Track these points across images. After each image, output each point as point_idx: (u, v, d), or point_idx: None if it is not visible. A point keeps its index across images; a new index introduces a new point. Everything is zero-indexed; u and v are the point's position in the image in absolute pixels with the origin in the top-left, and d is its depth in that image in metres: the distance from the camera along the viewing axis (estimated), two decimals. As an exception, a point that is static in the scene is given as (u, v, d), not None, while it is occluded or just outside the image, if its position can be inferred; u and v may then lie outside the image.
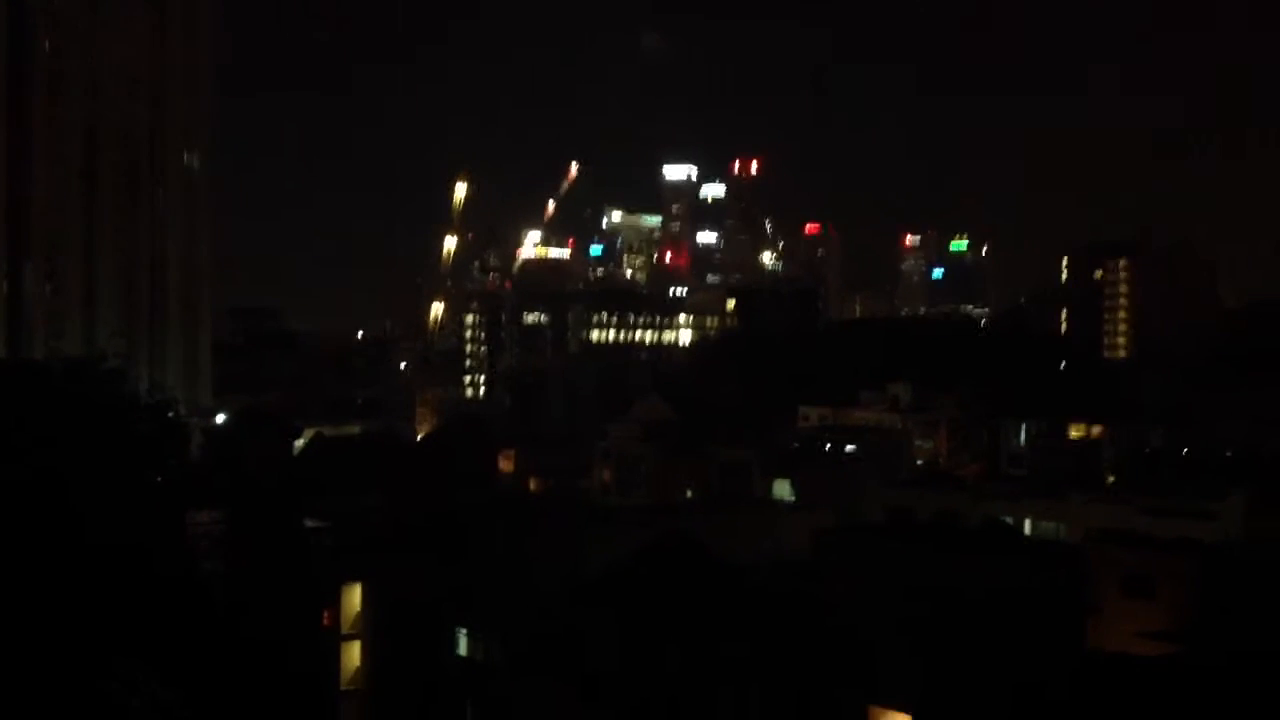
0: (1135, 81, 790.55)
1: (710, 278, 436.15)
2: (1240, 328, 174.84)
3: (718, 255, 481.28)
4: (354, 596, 55.87)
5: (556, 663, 46.78)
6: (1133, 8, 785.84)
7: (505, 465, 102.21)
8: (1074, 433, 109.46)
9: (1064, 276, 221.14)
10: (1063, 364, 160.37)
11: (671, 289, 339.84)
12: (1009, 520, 65.84)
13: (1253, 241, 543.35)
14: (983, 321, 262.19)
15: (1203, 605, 45.06)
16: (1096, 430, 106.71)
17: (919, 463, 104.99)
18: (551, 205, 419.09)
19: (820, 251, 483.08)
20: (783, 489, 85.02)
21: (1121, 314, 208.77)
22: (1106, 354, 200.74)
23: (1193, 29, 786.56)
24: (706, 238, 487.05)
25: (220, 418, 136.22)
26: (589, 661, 45.79)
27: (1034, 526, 67.79)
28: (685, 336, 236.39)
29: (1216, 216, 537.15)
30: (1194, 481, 74.46)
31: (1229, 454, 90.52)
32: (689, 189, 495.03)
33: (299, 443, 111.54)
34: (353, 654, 55.64)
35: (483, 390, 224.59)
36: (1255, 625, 42.09)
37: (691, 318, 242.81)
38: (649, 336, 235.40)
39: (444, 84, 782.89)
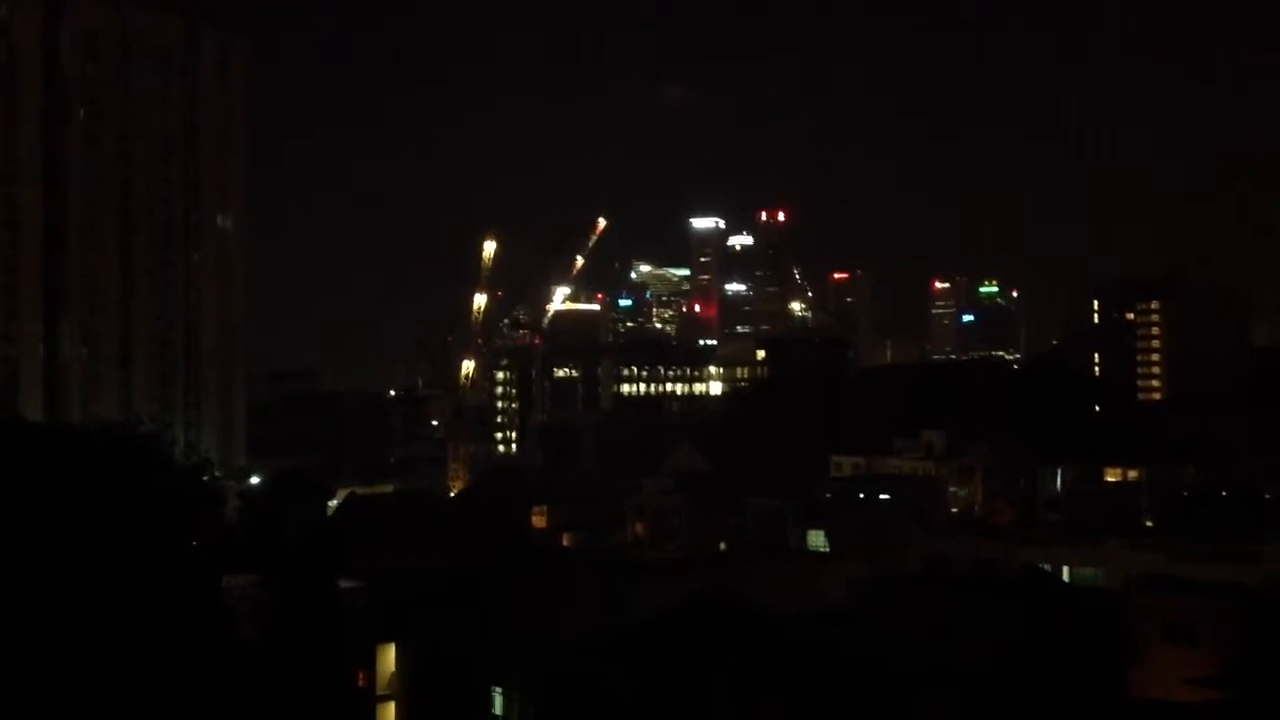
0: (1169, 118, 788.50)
1: (740, 328, 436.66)
2: (1272, 366, 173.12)
3: (747, 306, 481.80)
4: (389, 657, 55.84)
5: (593, 718, 46.48)
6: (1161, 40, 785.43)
7: (538, 521, 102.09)
8: (1110, 476, 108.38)
9: (1095, 318, 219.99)
10: (1097, 407, 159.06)
11: (701, 340, 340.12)
12: (1047, 567, 65.21)
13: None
14: (1015, 365, 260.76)
15: (1246, 650, 44.43)
16: (1133, 473, 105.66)
17: (954, 510, 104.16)
18: (580, 260, 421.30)
19: (850, 299, 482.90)
20: (817, 539, 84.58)
21: (1154, 355, 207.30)
22: (1140, 395, 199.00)
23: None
24: (735, 288, 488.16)
25: (255, 479, 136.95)
26: (628, 716, 45.49)
27: (1072, 573, 67.10)
28: (716, 387, 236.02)
29: (1246, 254, 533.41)
30: (1233, 524, 73.62)
31: (1268, 495, 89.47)
32: (716, 239, 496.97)
33: (333, 503, 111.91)
34: (388, 715, 55.52)
35: (514, 446, 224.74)
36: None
37: (722, 369, 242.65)
38: (680, 388, 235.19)
39: (469, 141, 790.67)
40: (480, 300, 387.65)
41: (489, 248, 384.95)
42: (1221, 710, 33.25)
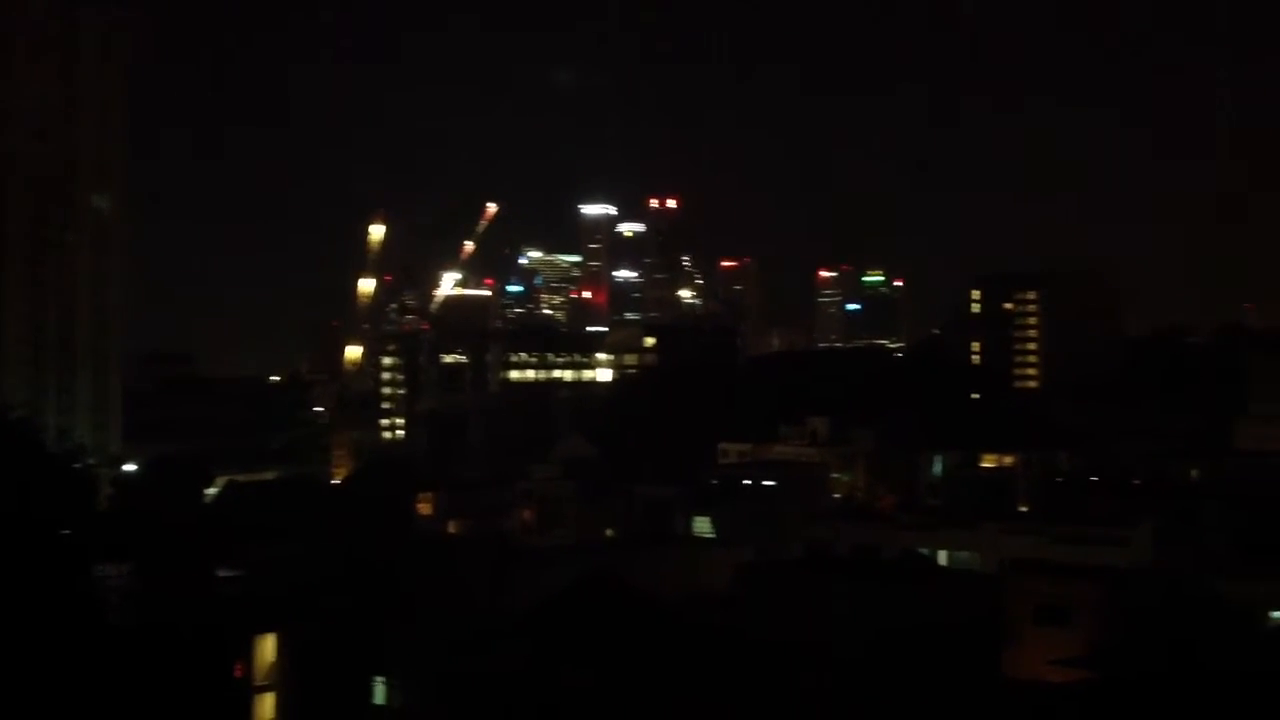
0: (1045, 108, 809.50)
1: (630, 315, 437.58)
2: (1143, 355, 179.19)
3: (637, 293, 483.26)
4: (268, 647, 54.81)
5: (478, 706, 46.26)
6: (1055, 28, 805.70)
7: (424, 508, 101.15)
8: (988, 462, 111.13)
9: (976, 308, 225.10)
10: (976, 394, 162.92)
11: (591, 326, 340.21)
12: (925, 551, 66.65)
13: (1157, 270, 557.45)
14: (898, 354, 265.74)
15: (1114, 631, 45.86)
16: (1009, 459, 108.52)
17: (838, 496, 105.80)
18: (469, 245, 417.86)
19: (738, 287, 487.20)
20: (704, 525, 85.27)
21: (1031, 344, 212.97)
22: (1018, 383, 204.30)
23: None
24: (625, 275, 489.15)
25: (131, 466, 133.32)
26: (512, 703, 45.36)
27: (950, 557, 68.71)
28: (605, 374, 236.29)
29: (1124, 245, 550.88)
30: (1104, 508, 75.98)
31: (1136, 480, 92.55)
32: (607, 226, 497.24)
33: (212, 490, 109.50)
34: (266, 706, 54.52)
35: (401, 432, 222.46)
36: (1165, 649, 42.91)
37: (611, 356, 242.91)
38: (569, 375, 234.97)
39: (355, 123, 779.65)
40: (367, 285, 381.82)
41: (377, 232, 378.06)
42: (1087, 689, 34.32)
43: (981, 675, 41.04)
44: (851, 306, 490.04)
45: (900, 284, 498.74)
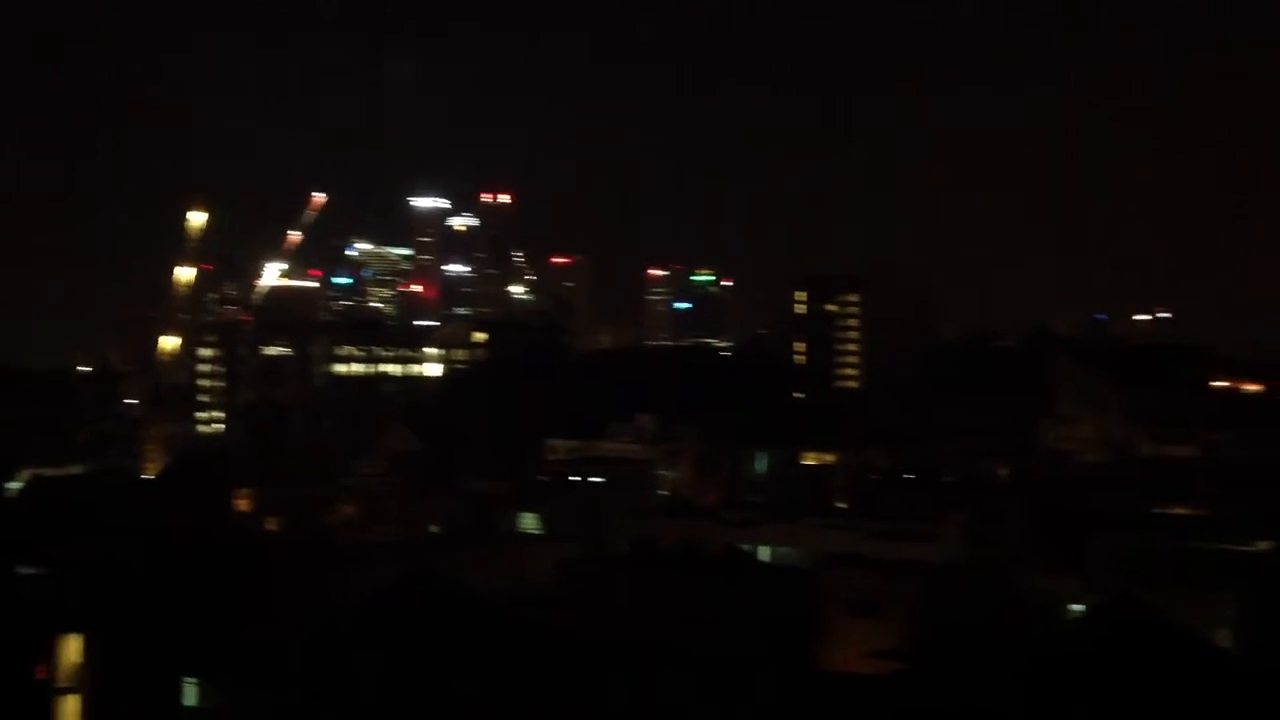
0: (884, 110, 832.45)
1: (460, 310, 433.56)
2: (956, 357, 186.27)
3: (468, 287, 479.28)
4: (72, 648, 52.66)
5: (293, 706, 45.32)
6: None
7: (242, 504, 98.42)
8: (809, 459, 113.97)
9: (801, 308, 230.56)
10: (799, 393, 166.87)
11: (420, 320, 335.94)
12: (748, 547, 67.98)
13: (970, 274, 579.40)
14: (725, 353, 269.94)
15: (923, 623, 47.67)
16: (829, 457, 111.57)
17: (664, 492, 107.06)
18: (294, 235, 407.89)
19: (569, 284, 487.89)
20: (531, 522, 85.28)
21: (852, 345, 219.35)
22: (839, 383, 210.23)
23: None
24: (456, 269, 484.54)
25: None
26: (329, 703, 44.58)
27: (772, 552, 70.22)
28: (434, 369, 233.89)
29: (943, 250, 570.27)
30: (916, 505, 78.65)
31: (948, 478, 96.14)
32: (438, 220, 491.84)
33: (15, 486, 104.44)
34: (69, 709, 52.38)
35: (219, 426, 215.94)
36: (972, 641, 44.78)
37: (440, 350, 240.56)
38: (397, 369, 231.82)
39: (175, 106, 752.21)
40: (186, 273, 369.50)
41: (197, 219, 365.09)
42: (895, 680, 35.59)
43: (797, 666, 42.15)
44: (681, 305, 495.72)
45: (730, 284, 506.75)
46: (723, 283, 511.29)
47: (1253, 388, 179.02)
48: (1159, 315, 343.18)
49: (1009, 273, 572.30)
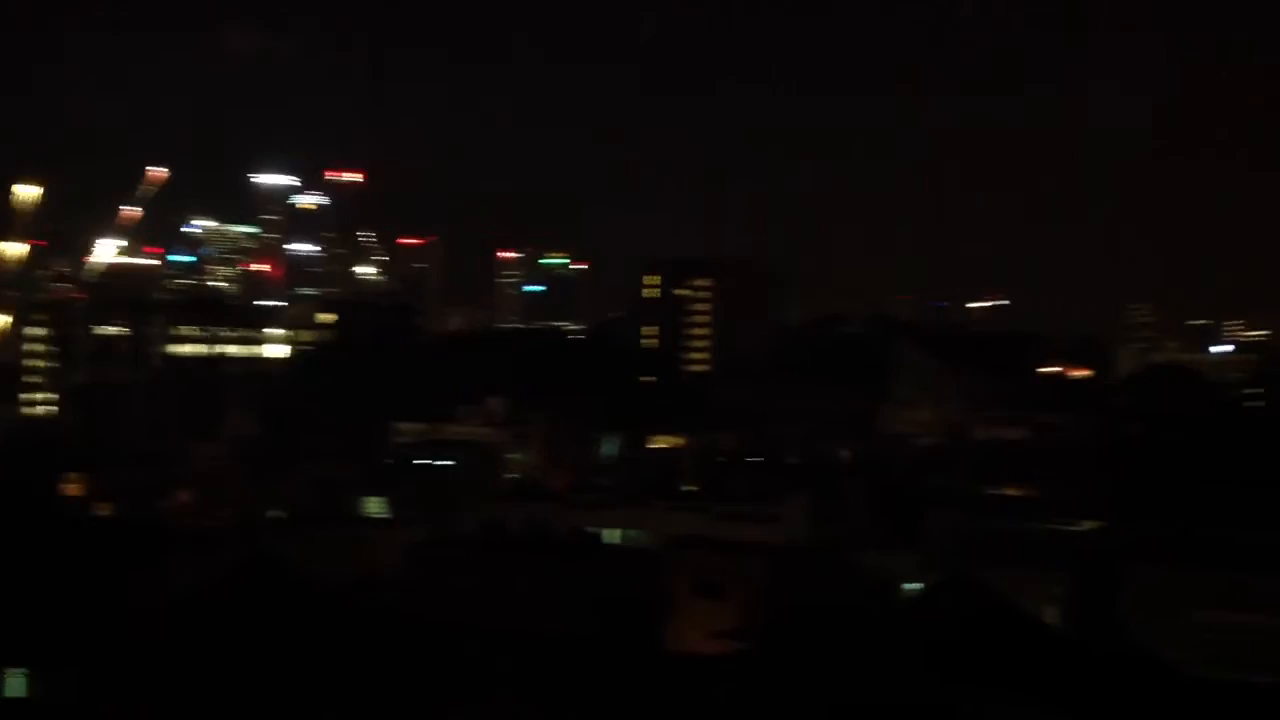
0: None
1: (306, 290, 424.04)
2: (802, 342, 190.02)
3: (315, 267, 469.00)
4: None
5: (125, 695, 43.90)
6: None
7: (73, 489, 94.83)
8: (658, 443, 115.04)
9: (651, 293, 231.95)
10: (649, 377, 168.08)
11: (264, 300, 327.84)
12: (596, 529, 68.35)
13: (819, 260, 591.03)
14: (577, 336, 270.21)
15: (766, 603, 48.57)
16: (678, 440, 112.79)
17: (514, 476, 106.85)
18: (131, 211, 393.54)
19: (420, 265, 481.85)
20: (377, 505, 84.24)
21: (701, 329, 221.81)
22: (688, 367, 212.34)
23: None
24: (302, 248, 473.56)
25: None
26: (162, 691, 43.32)
27: (619, 534, 70.74)
28: (279, 350, 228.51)
29: (790, 237, 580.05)
30: (761, 487, 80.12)
31: (791, 460, 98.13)
32: (284, 197, 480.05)
33: None
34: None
35: (50, 408, 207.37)
36: (813, 619, 45.81)
37: (286, 331, 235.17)
38: (239, 350, 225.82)
39: (11, 77, 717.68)
40: (16, 249, 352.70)
41: (27, 193, 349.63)
42: (737, 659, 36.23)
43: (643, 646, 42.53)
44: (533, 288, 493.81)
45: (583, 267, 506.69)
46: (575, 266, 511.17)
47: (1080, 373, 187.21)
48: (995, 302, 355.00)
49: (855, 259, 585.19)
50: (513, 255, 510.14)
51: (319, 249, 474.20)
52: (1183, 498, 68.33)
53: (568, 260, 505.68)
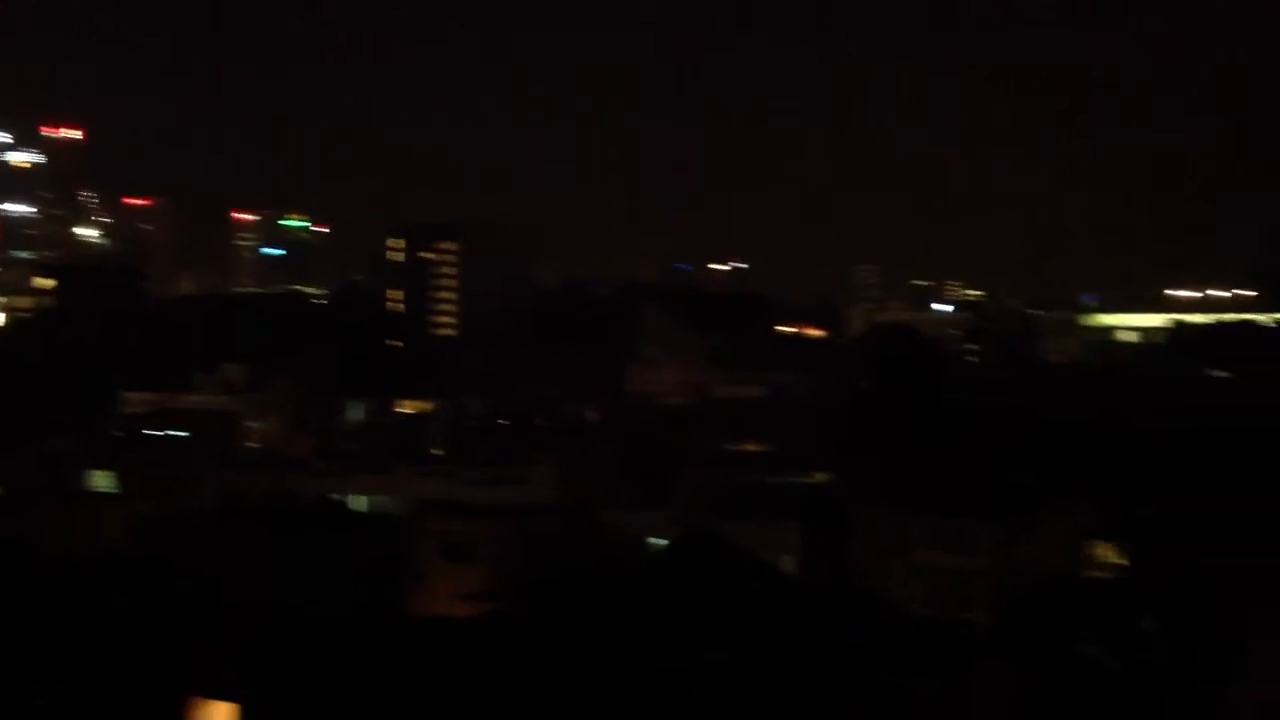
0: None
1: (21, 253, 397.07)
2: (553, 304, 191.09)
3: (30, 229, 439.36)
4: None
5: None
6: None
7: None
8: (406, 408, 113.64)
9: (397, 256, 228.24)
10: (396, 341, 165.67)
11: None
12: (340, 497, 67.15)
13: (564, 224, 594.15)
14: (320, 300, 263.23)
15: (515, 565, 48.99)
16: (425, 405, 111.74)
17: (255, 445, 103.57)
18: None
19: (147, 226, 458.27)
20: (104, 480, 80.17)
21: (449, 293, 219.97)
22: (436, 331, 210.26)
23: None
24: (16, 209, 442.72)
25: None
26: None
27: (366, 501, 69.75)
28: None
29: (537, 197, 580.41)
30: (510, 450, 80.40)
31: (540, 422, 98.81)
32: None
33: None
34: None
35: None
36: (561, 577, 46.48)
37: (1, 298, 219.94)
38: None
39: None
40: None
41: None
42: (486, 620, 36.46)
43: (391, 612, 42.21)
44: (271, 251, 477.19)
45: (325, 230, 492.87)
46: (316, 229, 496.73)
47: (815, 332, 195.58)
48: (734, 265, 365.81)
49: (600, 224, 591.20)
50: (250, 217, 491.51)
51: (34, 210, 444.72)
52: (907, 449, 72.44)
53: (308, 223, 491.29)
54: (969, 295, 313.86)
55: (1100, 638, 42.65)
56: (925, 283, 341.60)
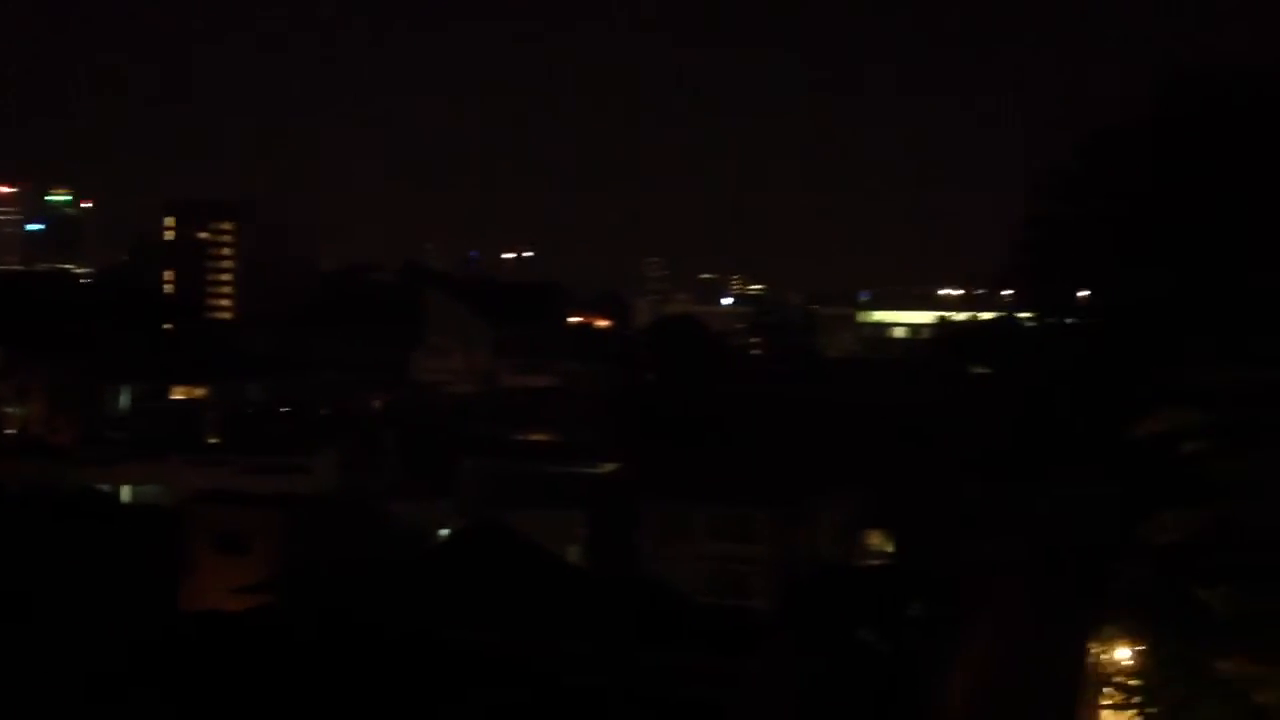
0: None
1: None
2: (333, 289, 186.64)
3: None
4: None
5: None
6: None
7: None
8: (178, 394, 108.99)
9: (168, 235, 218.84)
10: (168, 324, 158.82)
11: None
12: (106, 487, 64.01)
13: (351, 209, 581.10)
14: (85, 280, 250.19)
15: (295, 555, 47.55)
16: (200, 391, 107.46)
17: (12, 432, 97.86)
18: None
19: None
20: None
21: (227, 275, 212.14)
22: (213, 314, 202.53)
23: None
24: None
25: None
26: None
27: (135, 491, 66.74)
28: None
29: (319, 182, 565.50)
30: (292, 438, 78.14)
31: (322, 411, 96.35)
32: None
33: None
34: None
35: None
36: (340, 568, 45.36)
37: None
38: None
39: None
40: None
41: None
42: (258, 613, 35.35)
43: (159, 606, 40.41)
44: (32, 227, 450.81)
45: (89, 205, 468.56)
46: (82, 204, 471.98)
47: (602, 323, 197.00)
48: (522, 254, 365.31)
49: (384, 208, 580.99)
50: (9, 190, 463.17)
51: None
52: (690, 439, 73.61)
53: (72, 197, 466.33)
54: (752, 289, 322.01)
55: (871, 622, 44.25)
56: (710, 276, 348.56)
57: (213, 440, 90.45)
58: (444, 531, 55.32)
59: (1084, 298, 45.45)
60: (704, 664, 29.58)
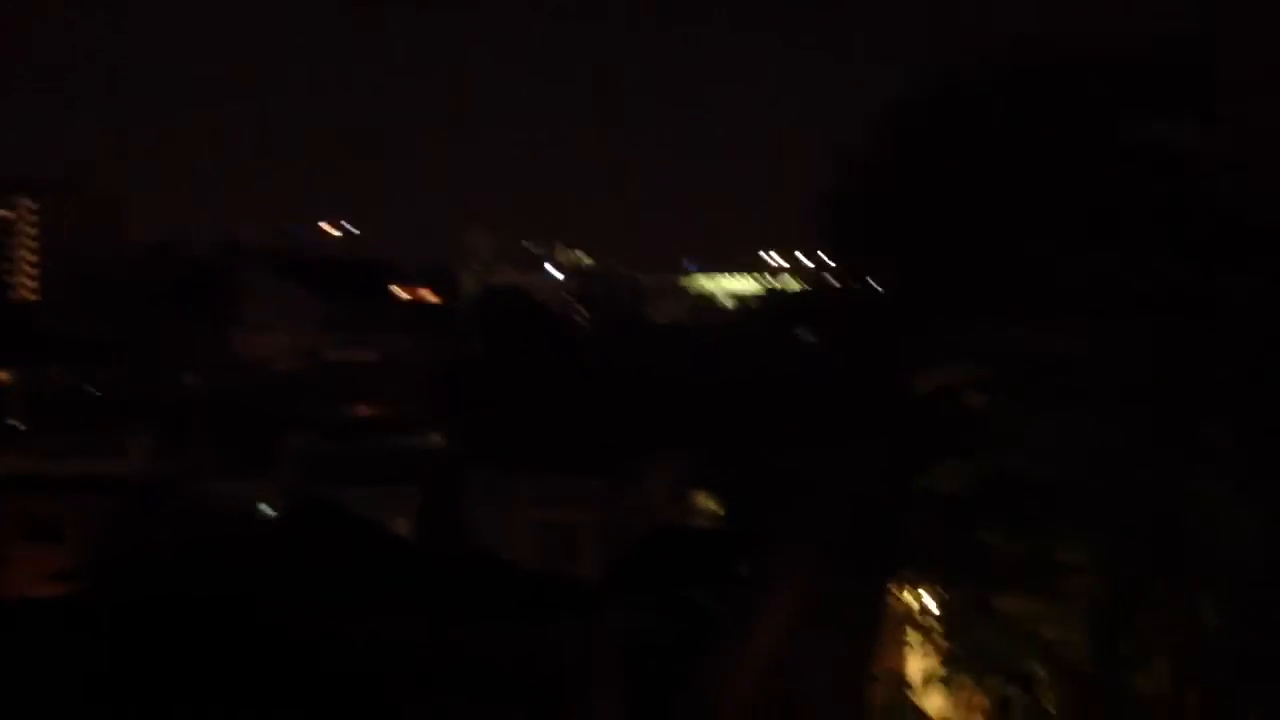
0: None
1: None
2: (146, 267, 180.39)
3: None
4: None
5: None
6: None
7: None
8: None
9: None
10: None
11: None
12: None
13: (160, 183, 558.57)
14: None
15: (109, 539, 46.07)
16: (3, 374, 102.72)
17: None
18: None
19: None
20: None
21: (29, 254, 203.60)
22: (16, 295, 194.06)
23: None
24: None
25: None
26: None
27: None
28: None
29: (128, 159, 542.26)
30: (103, 420, 75.43)
31: (135, 391, 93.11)
32: None
33: None
34: None
35: None
36: (158, 550, 44.13)
37: None
38: None
39: None
40: None
41: None
42: (73, 599, 34.22)
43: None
44: None
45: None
46: None
47: (429, 296, 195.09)
48: (345, 228, 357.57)
49: (194, 183, 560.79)
50: None
51: None
52: (518, 409, 73.61)
53: None
54: (579, 259, 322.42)
55: (700, 580, 45.22)
56: (536, 248, 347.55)
57: (16, 424, 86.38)
58: (265, 509, 54.19)
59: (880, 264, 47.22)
60: (532, 629, 29.82)
